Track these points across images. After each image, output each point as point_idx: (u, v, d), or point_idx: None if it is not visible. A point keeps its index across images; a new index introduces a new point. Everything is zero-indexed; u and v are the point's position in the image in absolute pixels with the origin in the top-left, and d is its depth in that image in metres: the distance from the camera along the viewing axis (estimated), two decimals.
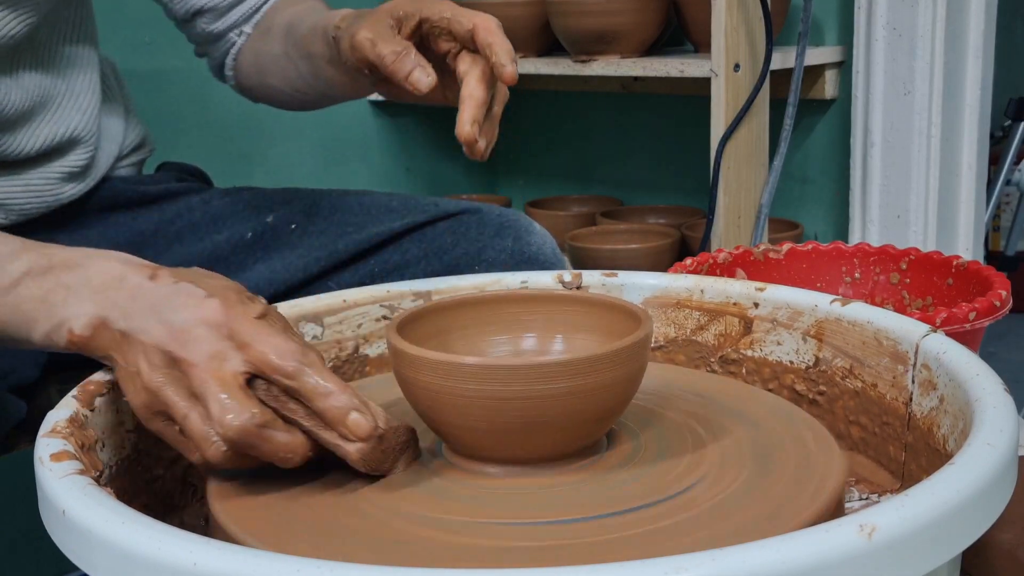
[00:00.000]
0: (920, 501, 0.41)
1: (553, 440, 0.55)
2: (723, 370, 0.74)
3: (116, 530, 0.42)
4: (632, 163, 2.15)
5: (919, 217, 1.68)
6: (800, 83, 1.65)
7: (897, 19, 1.64)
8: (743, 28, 1.57)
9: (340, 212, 0.99)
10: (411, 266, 0.95)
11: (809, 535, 0.39)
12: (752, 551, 0.38)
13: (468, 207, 0.98)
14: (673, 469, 0.56)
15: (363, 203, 0.99)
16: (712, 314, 0.74)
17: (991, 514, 0.44)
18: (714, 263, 1.07)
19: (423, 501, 0.54)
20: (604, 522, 0.51)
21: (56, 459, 0.49)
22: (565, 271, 0.79)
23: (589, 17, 1.67)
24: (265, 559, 0.39)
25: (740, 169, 1.63)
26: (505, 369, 0.53)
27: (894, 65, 1.65)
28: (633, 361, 0.56)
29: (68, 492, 0.46)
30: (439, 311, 0.63)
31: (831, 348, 0.68)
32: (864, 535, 0.39)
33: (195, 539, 0.41)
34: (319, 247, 0.96)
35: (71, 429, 0.53)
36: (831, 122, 1.86)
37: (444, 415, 0.55)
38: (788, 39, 1.76)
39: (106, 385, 0.59)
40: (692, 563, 0.37)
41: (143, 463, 0.61)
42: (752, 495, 0.52)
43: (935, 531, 0.41)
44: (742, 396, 0.66)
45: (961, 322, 0.87)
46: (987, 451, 0.45)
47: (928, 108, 1.64)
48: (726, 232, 1.63)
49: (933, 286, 1.05)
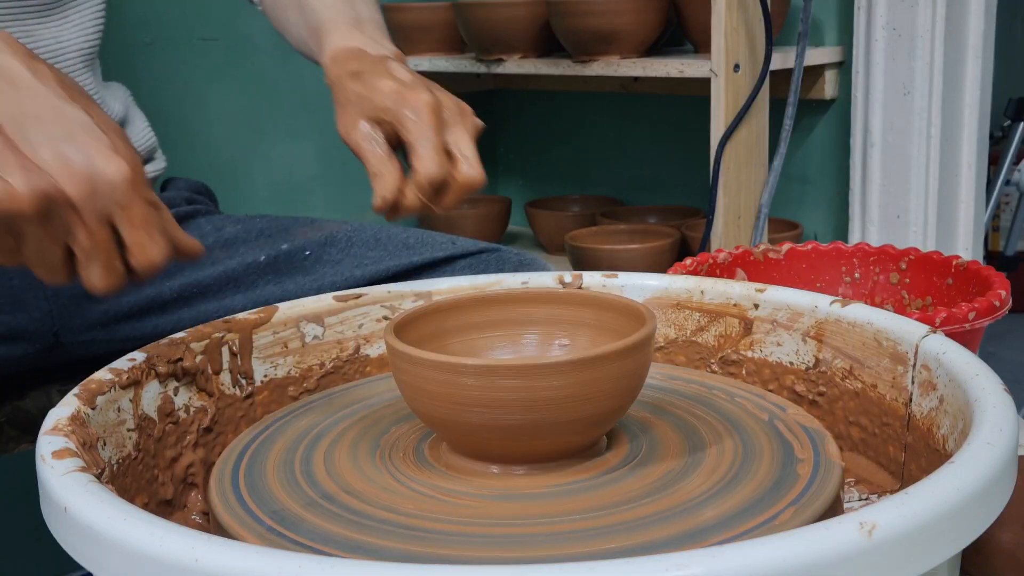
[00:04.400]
0: (920, 500, 0.41)
1: (554, 440, 0.55)
2: (723, 371, 0.74)
3: (118, 527, 0.42)
4: (632, 163, 2.15)
5: (919, 217, 1.68)
6: (800, 83, 1.65)
7: (897, 19, 1.64)
8: (743, 28, 1.57)
9: (356, 246, 0.98)
10: None
11: (809, 533, 0.39)
12: (752, 548, 0.38)
13: (486, 247, 0.97)
14: (673, 470, 0.56)
15: (379, 237, 0.98)
16: (712, 315, 0.74)
17: (991, 513, 0.44)
18: (714, 263, 1.07)
19: (422, 501, 0.54)
20: (604, 522, 0.51)
21: (58, 456, 0.49)
22: (565, 272, 0.79)
23: (589, 17, 1.67)
24: (267, 555, 0.39)
25: (740, 169, 1.63)
26: (505, 369, 0.53)
27: (894, 65, 1.65)
28: (636, 360, 0.56)
29: (70, 489, 0.46)
30: (439, 312, 0.63)
31: (831, 349, 0.68)
32: (864, 533, 0.39)
33: (197, 535, 0.41)
34: (334, 275, 0.95)
35: (72, 427, 0.53)
36: (831, 122, 1.86)
37: (444, 415, 0.55)
38: (788, 39, 1.76)
39: (108, 384, 0.59)
40: (693, 560, 0.37)
41: (144, 461, 0.62)
42: (743, 492, 0.53)
43: (935, 529, 0.41)
44: (742, 397, 0.66)
45: (961, 322, 0.87)
46: (987, 450, 0.45)
47: (928, 108, 1.64)
48: (726, 232, 1.63)
49: (933, 286, 1.05)
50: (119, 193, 0.56)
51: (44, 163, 0.55)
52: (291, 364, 0.72)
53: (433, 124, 0.71)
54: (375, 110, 0.73)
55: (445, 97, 0.75)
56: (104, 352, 0.88)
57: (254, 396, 0.70)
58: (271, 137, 1.95)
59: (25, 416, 0.91)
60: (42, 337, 0.86)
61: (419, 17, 1.98)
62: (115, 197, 0.56)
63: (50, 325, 0.86)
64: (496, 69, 1.87)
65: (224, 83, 1.86)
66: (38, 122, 0.56)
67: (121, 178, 0.56)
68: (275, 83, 1.92)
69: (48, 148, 0.55)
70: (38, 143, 0.55)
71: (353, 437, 0.62)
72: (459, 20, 1.88)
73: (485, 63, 1.88)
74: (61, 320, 0.87)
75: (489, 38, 1.84)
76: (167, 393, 0.64)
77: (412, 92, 0.72)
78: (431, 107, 0.72)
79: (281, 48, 1.99)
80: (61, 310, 0.87)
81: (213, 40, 1.83)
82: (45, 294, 0.86)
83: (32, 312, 0.85)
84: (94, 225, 0.56)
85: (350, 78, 0.76)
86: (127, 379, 0.61)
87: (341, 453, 0.60)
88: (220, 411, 0.68)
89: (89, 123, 0.57)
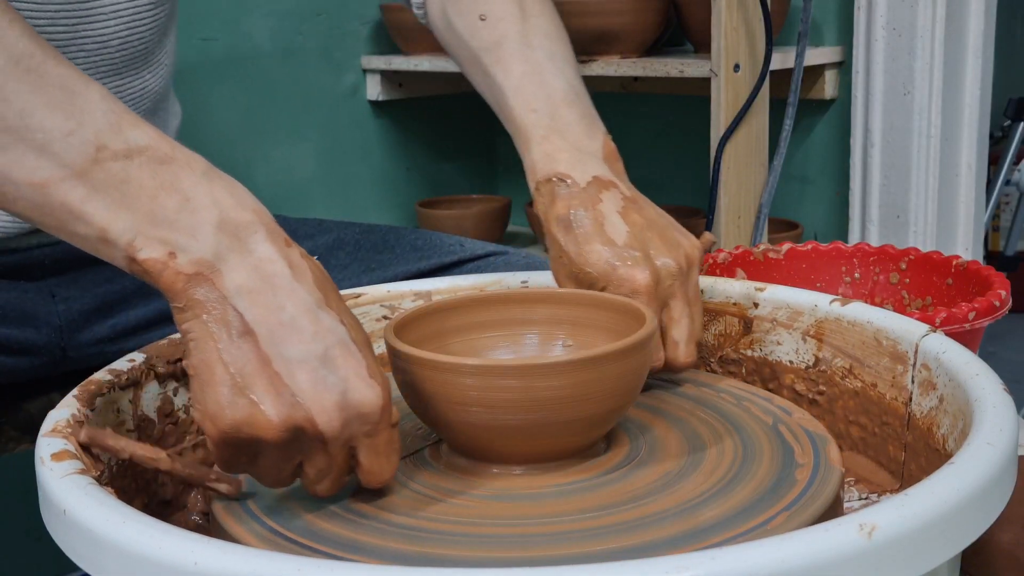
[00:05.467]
0: (920, 500, 0.41)
1: (554, 441, 0.55)
2: (723, 370, 0.74)
3: (117, 529, 0.42)
4: (632, 163, 2.13)
5: (919, 217, 1.68)
6: (800, 83, 1.65)
7: (897, 19, 1.64)
8: (743, 28, 1.57)
9: (364, 249, 0.97)
10: None
11: (809, 534, 0.39)
12: (752, 550, 0.38)
13: (495, 250, 0.97)
14: (673, 470, 0.56)
15: (388, 241, 0.97)
16: (712, 314, 0.74)
17: (991, 513, 0.44)
18: (714, 263, 1.07)
19: (422, 501, 0.54)
20: (603, 522, 0.51)
21: (57, 459, 0.49)
22: None
23: (589, 17, 1.67)
24: (266, 558, 0.39)
25: (740, 169, 1.63)
26: (505, 369, 0.53)
27: (894, 65, 1.65)
28: (636, 360, 0.56)
29: (69, 492, 0.46)
30: (439, 311, 0.63)
31: (831, 348, 0.68)
32: (864, 534, 0.39)
33: (196, 538, 0.41)
34: (342, 280, 0.94)
35: (72, 429, 0.53)
36: (831, 122, 1.86)
37: (444, 415, 0.55)
38: (788, 39, 1.76)
39: (107, 385, 0.59)
40: (693, 562, 0.37)
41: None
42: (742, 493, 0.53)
43: (935, 530, 0.41)
44: (741, 397, 0.66)
45: (961, 322, 0.87)
46: (987, 451, 0.45)
47: (928, 108, 1.64)
48: (726, 232, 1.63)
49: (933, 286, 1.05)
50: (369, 425, 0.50)
51: (299, 390, 0.49)
52: None
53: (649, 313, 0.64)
54: (587, 281, 0.66)
55: (668, 258, 0.66)
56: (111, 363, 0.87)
57: None
58: (271, 137, 1.95)
59: (25, 416, 0.90)
60: (50, 352, 0.86)
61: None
62: (364, 429, 0.50)
63: (58, 340, 0.86)
64: None
65: (224, 83, 1.86)
66: (295, 334, 0.49)
67: (373, 408, 0.50)
68: (275, 83, 1.92)
69: (304, 371, 0.49)
70: (295, 362, 0.49)
71: None
72: None
73: None
74: (70, 336, 0.86)
75: None
76: (167, 394, 0.64)
77: (627, 270, 0.65)
78: (647, 290, 0.64)
79: (281, 48, 2.00)
80: (71, 327, 0.86)
81: (213, 40, 1.83)
82: (57, 310, 0.86)
83: (42, 328, 0.85)
84: (336, 452, 0.51)
85: (559, 227, 0.68)
86: (126, 380, 0.61)
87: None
88: None
89: (345, 338, 0.51)
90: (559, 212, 0.68)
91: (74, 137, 0.51)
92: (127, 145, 0.52)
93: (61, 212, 0.51)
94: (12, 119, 0.51)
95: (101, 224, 0.51)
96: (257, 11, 1.90)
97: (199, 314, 0.50)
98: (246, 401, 0.49)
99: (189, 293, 0.50)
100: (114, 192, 0.51)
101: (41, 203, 0.51)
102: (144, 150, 0.52)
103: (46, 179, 0.51)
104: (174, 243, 0.50)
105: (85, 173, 0.51)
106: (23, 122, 0.51)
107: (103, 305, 0.88)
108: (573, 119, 0.73)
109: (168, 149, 0.52)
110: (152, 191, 0.51)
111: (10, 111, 0.51)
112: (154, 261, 0.50)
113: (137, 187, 0.51)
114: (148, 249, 0.50)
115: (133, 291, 0.89)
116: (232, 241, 0.51)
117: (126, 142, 0.52)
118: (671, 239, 0.67)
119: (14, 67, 0.51)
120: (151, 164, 0.51)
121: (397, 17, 1.97)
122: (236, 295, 0.50)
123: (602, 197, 0.69)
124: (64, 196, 0.51)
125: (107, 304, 0.88)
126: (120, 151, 0.51)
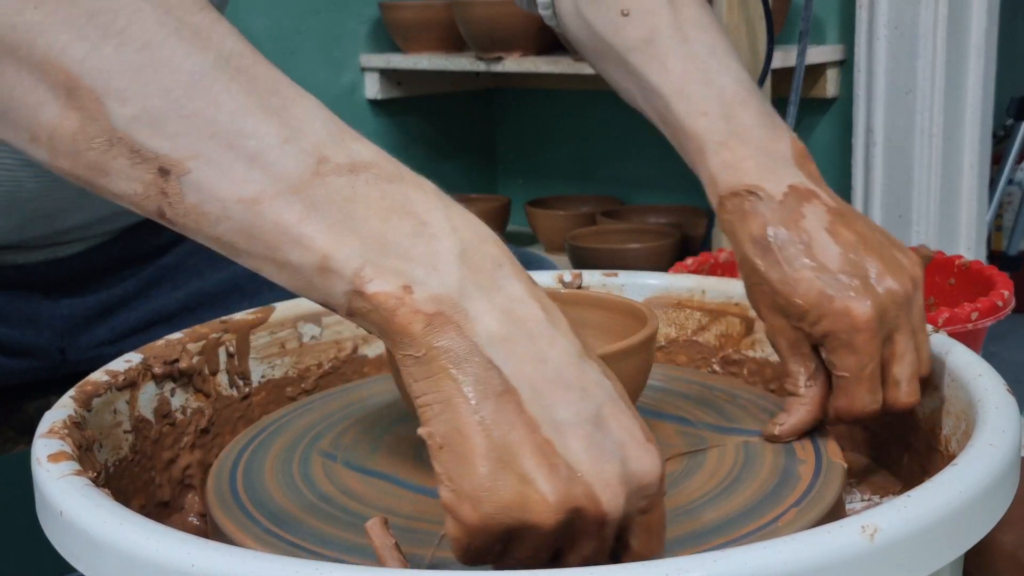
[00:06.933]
0: (923, 502, 0.41)
1: None
2: (724, 371, 0.74)
3: (114, 531, 0.42)
4: (633, 162, 2.15)
5: (921, 216, 1.68)
6: (801, 82, 1.64)
7: (899, 18, 1.63)
8: (744, 27, 1.56)
9: None
10: None
11: (811, 536, 0.39)
12: (754, 553, 0.38)
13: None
14: (674, 471, 0.56)
15: None
16: (713, 314, 0.74)
17: (994, 515, 0.44)
18: (715, 263, 1.06)
19: (421, 503, 0.54)
20: None
21: (53, 460, 0.49)
22: (565, 271, 0.78)
23: None
24: (263, 560, 0.39)
25: None
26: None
27: (896, 64, 1.65)
28: (638, 361, 0.55)
29: (65, 493, 0.45)
30: None
31: None
32: (866, 536, 0.39)
33: (193, 540, 0.41)
34: None
35: (68, 430, 0.53)
36: (832, 121, 1.86)
37: None
38: (789, 38, 1.76)
39: (104, 386, 0.59)
40: (694, 564, 0.37)
41: (141, 463, 0.61)
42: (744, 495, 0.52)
43: (938, 532, 0.41)
44: (743, 397, 0.66)
45: (963, 322, 0.86)
46: (990, 452, 0.45)
47: (930, 107, 1.64)
48: None
49: (935, 286, 1.05)
50: (646, 500, 0.42)
51: (576, 460, 0.40)
52: (289, 365, 0.71)
53: (870, 351, 0.55)
54: (797, 313, 0.57)
55: (893, 283, 0.56)
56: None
57: (251, 397, 0.70)
58: None
59: (23, 416, 0.90)
60: (49, 355, 0.86)
61: (418, 15, 1.98)
62: (641, 504, 0.42)
63: (58, 343, 0.86)
64: (495, 67, 1.87)
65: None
66: (562, 391, 0.41)
67: (653, 479, 0.42)
68: None
69: (578, 436, 0.41)
70: (566, 427, 0.41)
71: (351, 438, 0.61)
72: (458, 18, 1.88)
73: (484, 61, 1.88)
74: (70, 339, 0.86)
75: (488, 36, 1.84)
76: (164, 394, 0.64)
77: (845, 301, 0.55)
78: (869, 326, 0.55)
79: (281, 48, 1.99)
80: (71, 330, 0.86)
81: None
82: (60, 314, 0.86)
83: (42, 331, 0.85)
84: (610, 535, 0.42)
85: (755, 249, 0.58)
86: (123, 381, 0.61)
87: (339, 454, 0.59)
88: (217, 412, 0.67)
89: (612, 391, 0.43)
90: (754, 232, 0.58)
91: (291, 145, 0.43)
92: (351, 159, 0.43)
93: (273, 235, 0.42)
94: (223, 123, 0.42)
95: (323, 249, 0.42)
96: (255, 9, 1.90)
97: (446, 366, 0.41)
98: (515, 478, 0.40)
99: (430, 340, 0.41)
100: (337, 212, 0.42)
101: (249, 224, 0.42)
102: (370, 166, 0.43)
103: (257, 194, 0.42)
104: (410, 275, 0.41)
105: (304, 188, 0.42)
106: (234, 126, 0.42)
107: (104, 307, 0.88)
108: (751, 120, 0.62)
109: (394, 167, 0.44)
110: (383, 213, 0.42)
111: (220, 114, 0.42)
112: (387, 295, 0.41)
113: (364, 207, 0.42)
114: (380, 280, 0.41)
115: (133, 293, 0.89)
116: (477, 276, 0.42)
117: (350, 156, 0.43)
118: (891, 259, 0.57)
119: (224, 66, 0.43)
120: (378, 182, 0.43)
121: (396, 15, 1.97)
122: (489, 344, 0.41)
123: (804, 212, 0.58)
124: (278, 215, 0.42)
125: (107, 306, 0.88)
126: (344, 165, 0.43)
